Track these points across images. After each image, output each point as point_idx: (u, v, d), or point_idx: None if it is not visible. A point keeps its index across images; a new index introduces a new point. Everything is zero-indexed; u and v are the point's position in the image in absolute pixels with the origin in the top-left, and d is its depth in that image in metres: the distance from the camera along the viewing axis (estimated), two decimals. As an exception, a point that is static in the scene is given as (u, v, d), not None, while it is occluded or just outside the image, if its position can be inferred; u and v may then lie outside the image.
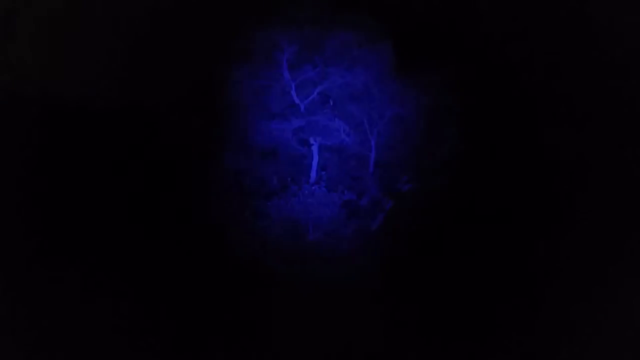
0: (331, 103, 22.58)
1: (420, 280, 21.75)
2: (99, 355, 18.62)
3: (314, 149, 22.76)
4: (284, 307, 19.72)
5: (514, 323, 20.87)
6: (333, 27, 21.80)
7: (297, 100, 22.44)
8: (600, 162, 22.42)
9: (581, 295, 20.73)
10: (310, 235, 21.09)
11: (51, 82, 21.00)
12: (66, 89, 21.16)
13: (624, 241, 21.32)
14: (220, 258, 19.75)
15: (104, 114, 21.80)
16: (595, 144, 22.45)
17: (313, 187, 21.57)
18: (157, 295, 19.42)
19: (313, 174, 22.58)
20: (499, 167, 22.10)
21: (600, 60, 22.53)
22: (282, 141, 22.91)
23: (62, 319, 19.01)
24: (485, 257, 22.16)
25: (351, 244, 21.45)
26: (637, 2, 23.47)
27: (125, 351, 18.84)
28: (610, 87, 22.72)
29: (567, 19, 23.36)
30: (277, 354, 19.19)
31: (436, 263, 22.18)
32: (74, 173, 21.23)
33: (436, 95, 22.63)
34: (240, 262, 19.86)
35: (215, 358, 18.94)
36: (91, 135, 21.70)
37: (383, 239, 22.47)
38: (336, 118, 22.35)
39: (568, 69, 23.19)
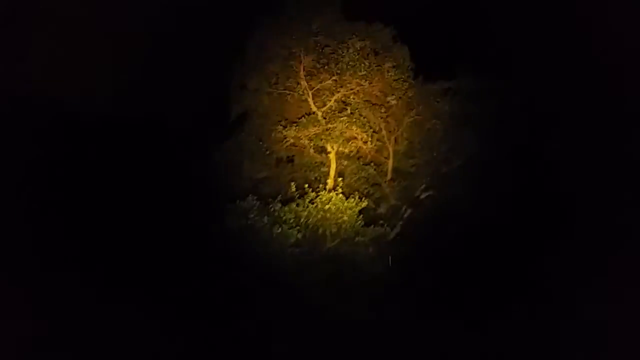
0: (349, 110, 22.65)
1: (439, 290, 21.49)
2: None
3: (332, 156, 22.82)
4: (300, 314, 19.65)
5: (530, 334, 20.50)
6: (349, 35, 22.00)
7: (314, 108, 22.59)
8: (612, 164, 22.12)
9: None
10: (327, 242, 21.03)
11: (64, 93, 21.43)
12: (79, 99, 21.60)
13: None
14: (238, 264, 19.79)
15: (119, 125, 22.17)
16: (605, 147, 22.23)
17: (332, 194, 21.52)
18: (168, 301, 19.47)
19: (330, 181, 22.62)
20: (517, 174, 21.86)
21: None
22: (298, 149, 23.08)
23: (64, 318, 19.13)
24: (504, 266, 21.85)
25: (369, 252, 21.32)
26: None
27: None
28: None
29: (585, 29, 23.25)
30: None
31: (455, 272, 21.91)
32: (85, 182, 21.50)
33: (454, 102, 22.59)
34: (257, 268, 19.87)
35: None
36: (106, 146, 22.07)
37: (401, 247, 22.32)
38: (354, 125, 22.39)
39: (584, 77, 23.04)
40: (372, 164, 23.46)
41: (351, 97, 22.56)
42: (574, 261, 22.21)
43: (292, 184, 21.50)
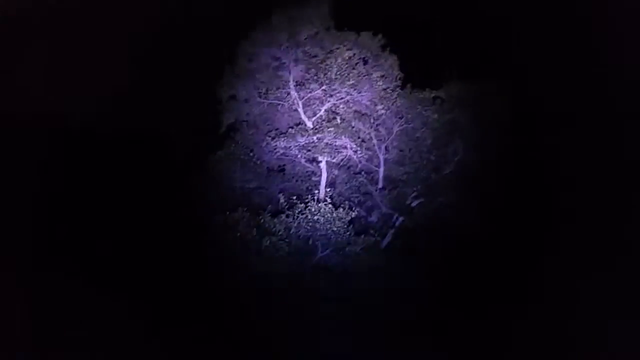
0: (338, 120, 22.62)
1: (431, 299, 21.50)
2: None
3: (322, 166, 22.79)
4: (291, 326, 19.68)
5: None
6: (337, 45, 21.96)
7: (304, 118, 22.59)
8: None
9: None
10: (318, 253, 21.03)
11: (59, 105, 21.50)
12: (71, 111, 21.67)
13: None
14: (227, 276, 19.83)
15: (111, 138, 22.24)
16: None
17: (321, 204, 21.47)
18: (160, 313, 19.54)
19: (321, 191, 22.59)
20: (507, 180, 21.86)
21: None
22: (289, 159, 23.09)
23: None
24: (496, 271, 21.88)
25: (360, 261, 21.31)
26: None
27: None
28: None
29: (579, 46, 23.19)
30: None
31: (448, 280, 21.92)
32: (78, 195, 21.59)
33: (442, 110, 22.54)
34: (247, 281, 19.90)
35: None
36: (99, 158, 22.15)
37: (393, 256, 22.31)
38: (344, 135, 22.35)
39: (574, 84, 23.02)
40: (363, 172, 23.44)
41: (341, 106, 22.55)
42: (565, 264, 22.26)
43: (281, 195, 21.58)
